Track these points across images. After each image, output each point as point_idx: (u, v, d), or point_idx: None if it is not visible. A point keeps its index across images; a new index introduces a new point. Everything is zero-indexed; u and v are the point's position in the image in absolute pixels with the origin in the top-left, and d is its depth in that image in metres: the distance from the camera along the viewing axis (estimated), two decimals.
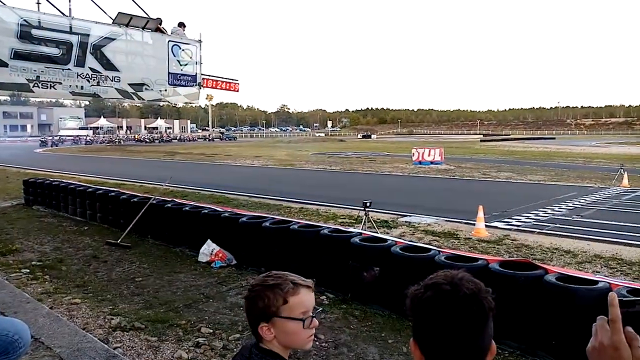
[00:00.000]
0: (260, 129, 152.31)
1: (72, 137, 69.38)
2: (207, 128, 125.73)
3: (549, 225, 9.93)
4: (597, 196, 14.00)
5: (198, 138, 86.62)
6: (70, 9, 8.73)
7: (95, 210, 10.78)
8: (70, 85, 8.81)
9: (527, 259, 6.11)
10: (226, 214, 7.90)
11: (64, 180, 13.67)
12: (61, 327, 4.71)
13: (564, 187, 16.02)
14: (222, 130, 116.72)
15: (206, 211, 8.22)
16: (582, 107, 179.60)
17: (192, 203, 9.44)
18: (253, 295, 1.44)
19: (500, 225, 10.05)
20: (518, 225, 10.00)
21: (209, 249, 7.63)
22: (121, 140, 71.70)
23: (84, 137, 71.16)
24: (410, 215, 11.07)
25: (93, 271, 7.21)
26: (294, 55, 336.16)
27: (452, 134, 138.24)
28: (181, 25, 11.07)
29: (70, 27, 8.65)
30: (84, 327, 5.00)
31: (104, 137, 77.83)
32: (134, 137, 78.86)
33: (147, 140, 73.04)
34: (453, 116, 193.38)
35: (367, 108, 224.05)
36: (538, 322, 4.42)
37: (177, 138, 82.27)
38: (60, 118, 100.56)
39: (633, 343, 0.86)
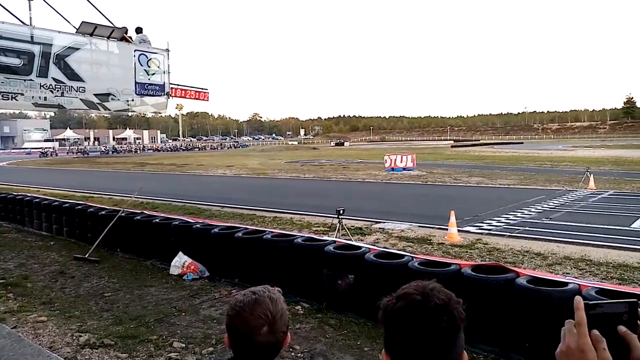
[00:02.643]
0: (232, 138, 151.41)
1: (43, 149, 68.93)
2: (177, 138, 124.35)
3: (519, 229, 10.13)
4: (565, 199, 14.36)
5: (186, 148, 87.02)
6: (30, 17, 8.53)
7: (62, 225, 10.50)
8: (32, 97, 8.58)
9: (498, 262, 6.21)
10: (198, 225, 7.81)
11: (29, 194, 13.27)
12: (23, 348, 4.54)
13: (533, 191, 16.40)
14: (241, 139, 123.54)
15: (177, 223, 8.11)
16: (548, 112, 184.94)
17: (163, 215, 9.29)
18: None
19: (472, 229, 10.20)
20: (489, 229, 10.17)
21: (180, 262, 7.52)
22: (109, 151, 72.73)
23: (50, 149, 69.97)
24: (384, 222, 11.14)
25: (60, 287, 7.00)
26: (265, 63, 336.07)
27: (424, 140, 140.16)
28: (138, 30, 10.94)
29: (32, 37, 8.45)
30: (50, 345, 4.84)
31: (83, 147, 79.18)
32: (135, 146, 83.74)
33: (134, 149, 77.35)
34: (424, 122, 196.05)
35: (340, 116, 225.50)
36: (511, 325, 4.49)
37: (159, 148, 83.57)
38: (25, 130, 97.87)
39: (598, 346, 0.88)
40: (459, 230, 9.57)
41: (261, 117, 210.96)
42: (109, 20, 10.01)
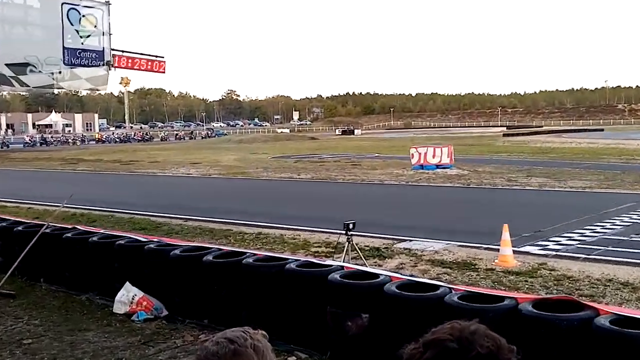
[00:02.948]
0: (199, 124, 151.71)
1: None
2: (123, 124, 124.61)
3: (598, 249, 10.13)
4: None
5: (142, 138, 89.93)
6: None
7: None
8: None
9: (570, 296, 6.22)
10: (152, 246, 7.82)
11: None
12: None
13: (617, 196, 16.40)
14: (212, 126, 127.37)
15: (123, 242, 8.12)
16: (638, 87, 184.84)
17: (103, 231, 9.31)
18: None
19: (533, 250, 10.22)
20: (557, 250, 10.18)
21: (128, 296, 7.52)
22: (36, 142, 74.45)
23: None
24: (410, 240, 11.16)
25: None
26: (243, 23, 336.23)
27: (465, 126, 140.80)
28: None
29: None
30: None
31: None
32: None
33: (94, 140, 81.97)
34: (465, 102, 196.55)
35: (348, 93, 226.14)
36: None
37: (103, 138, 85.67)
38: None
39: None
40: (514, 251, 9.58)
41: (238, 96, 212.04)
42: None
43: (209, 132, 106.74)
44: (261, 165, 32.65)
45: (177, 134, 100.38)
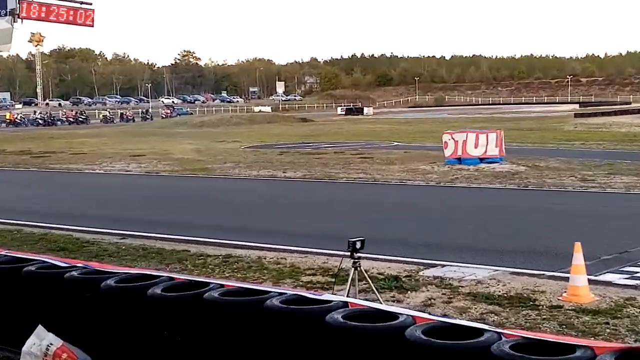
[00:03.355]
0: (141, 99, 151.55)
1: None
2: (33, 100, 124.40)
3: None
4: None
5: (75, 119, 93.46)
6: None
7: None
8: None
9: None
10: (75, 273, 7.78)
11: None
12: None
13: None
14: (162, 102, 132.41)
15: (34, 268, 8.08)
16: None
17: (5, 252, 9.27)
18: None
19: (616, 279, 10.20)
20: None
21: (41, 346, 7.49)
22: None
23: None
24: (442, 264, 11.15)
25: None
26: None
27: (521, 102, 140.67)
28: None
29: None
30: None
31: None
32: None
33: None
34: (520, 69, 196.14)
35: (354, 56, 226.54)
36: None
37: (15, 119, 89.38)
38: None
39: None
40: (590, 281, 9.56)
41: (199, 59, 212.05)
42: None
43: (169, 112, 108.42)
44: (230, 159, 32.69)
45: (123, 114, 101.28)
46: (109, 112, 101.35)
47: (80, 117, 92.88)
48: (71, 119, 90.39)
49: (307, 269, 11.16)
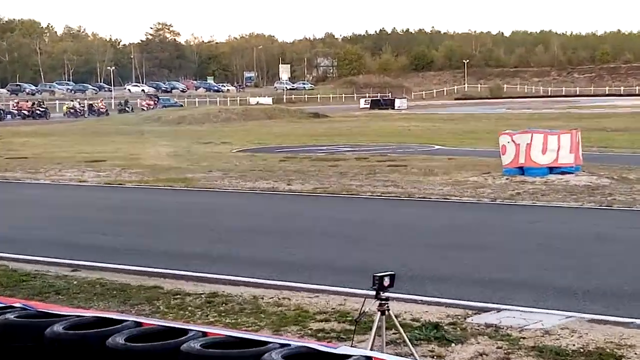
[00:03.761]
0: (101, 87, 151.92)
1: None
2: None
3: None
4: None
5: (31, 111, 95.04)
6: None
7: None
8: None
9: None
10: (12, 316, 7.78)
11: None
12: None
13: None
14: (128, 90, 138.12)
15: None
16: None
17: None
18: None
19: None
20: None
21: None
22: None
23: None
24: (498, 308, 11.12)
25: None
26: None
27: (603, 95, 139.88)
28: None
29: None
30: None
31: None
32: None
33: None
34: (604, 49, 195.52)
35: (382, 31, 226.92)
36: None
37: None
38: None
39: None
40: None
41: (177, 35, 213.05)
42: None
43: (152, 102, 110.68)
44: (218, 166, 32.76)
45: (92, 105, 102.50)
46: (79, 103, 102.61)
47: (38, 110, 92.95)
48: (25, 112, 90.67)
49: (317, 312, 11.10)
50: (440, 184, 25.34)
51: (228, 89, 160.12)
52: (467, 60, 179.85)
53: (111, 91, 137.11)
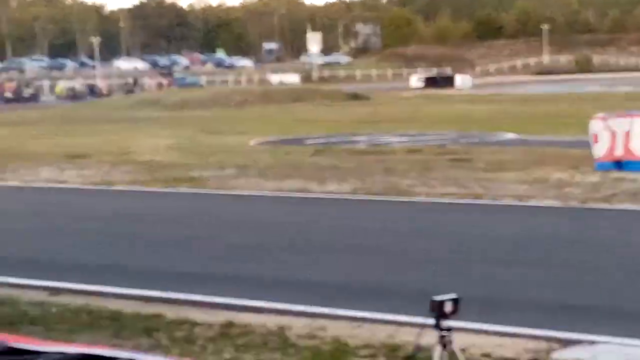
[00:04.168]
0: (82, 63, 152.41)
1: None
2: None
3: None
4: None
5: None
6: None
7: None
8: None
9: None
10: None
11: None
12: None
13: None
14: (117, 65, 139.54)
15: None
16: None
17: None
18: None
19: None
20: None
21: None
22: None
23: None
24: (591, 340, 11.06)
25: None
26: None
27: None
28: None
29: None
30: None
31: None
32: None
33: None
34: None
35: None
36: None
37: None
38: None
39: None
40: None
41: None
42: None
43: (168, 82, 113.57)
44: (232, 161, 32.78)
45: (93, 87, 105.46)
46: (78, 84, 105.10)
47: (26, 93, 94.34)
48: (9, 95, 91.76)
49: (361, 346, 11.09)
50: (515, 182, 25.29)
51: (243, 65, 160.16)
52: (547, 26, 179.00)
53: (94, 68, 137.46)
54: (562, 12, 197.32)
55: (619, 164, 25.54)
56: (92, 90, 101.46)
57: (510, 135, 40.27)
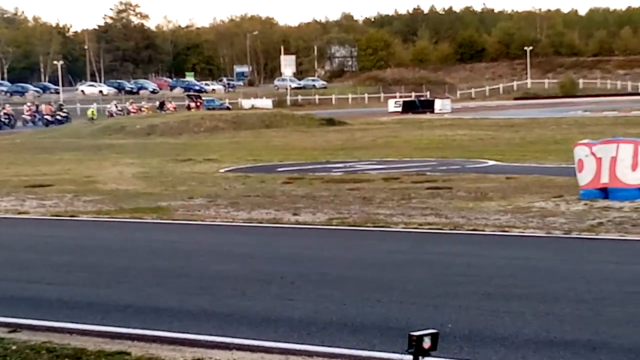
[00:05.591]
0: (44, 88, 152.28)
1: None
2: None
3: None
4: None
5: None
6: None
7: None
8: None
9: None
10: None
11: None
12: None
13: None
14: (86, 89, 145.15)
15: None
16: None
17: None
18: None
19: None
20: None
21: None
22: None
23: None
24: None
25: None
26: None
27: None
28: None
29: None
30: None
31: None
32: None
33: None
34: None
35: (418, 10, 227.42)
36: None
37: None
38: None
39: None
40: None
41: (145, 18, 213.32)
42: None
43: (197, 104, 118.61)
44: (201, 191, 32.98)
45: (118, 107, 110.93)
46: (114, 105, 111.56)
47: (60, 115, 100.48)
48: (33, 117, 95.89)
49: None
50: (497, 211, 25.38)
51: (213, 89, 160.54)
52: (531, 48, 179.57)
53: (59, 93, 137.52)
54: (546, 34, 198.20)
55: (604, 192, 25.62)
56: (124, 108, 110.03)
57: (492, 163, 40.37)
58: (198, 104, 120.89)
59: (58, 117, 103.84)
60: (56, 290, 17.28)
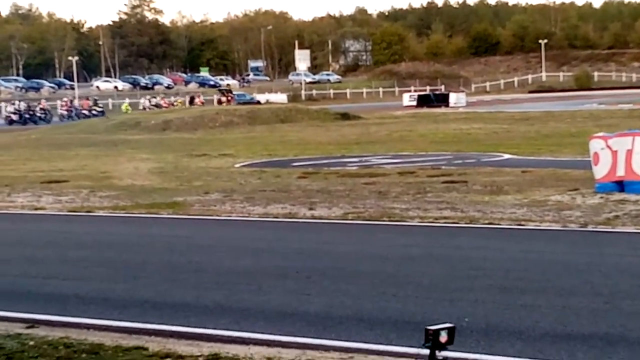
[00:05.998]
0: (60, 84, 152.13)
1: None
2: None
3: None
4: None
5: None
6: None
7: None
8: None
9: None
10: None
11: None
12: None
13: None
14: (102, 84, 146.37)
15: None
16: None
17: None
18: None
19: None
20: None
21: None
22: None
23: None
24: None
25: None
26: None
27: None
28: None
29: None
30: None
31: None
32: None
33: None
34: None
35: (432, 4, 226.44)
36: None
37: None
38: None
39: None
40: None
41: (160, 14, 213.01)
42: None
43: (227, 99, 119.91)
44: (217, 185, 32.88)
45: (151, 102, 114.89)
46: (148, 100, 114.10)
47: (28, 114, 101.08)
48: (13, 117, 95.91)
49: None
50: (513, 205, 25.31)
51: (228, 84, 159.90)
52: (545, 41, 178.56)
53: (74, 89, 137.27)
54: (561, 27, 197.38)
55: (620, 185, 25.50)
56: (154, 103, 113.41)
57: (507, 156, 40.25)
58: (229, 98, 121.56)
59: (94, 112, 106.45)
60: (73, 286, 17.26)
